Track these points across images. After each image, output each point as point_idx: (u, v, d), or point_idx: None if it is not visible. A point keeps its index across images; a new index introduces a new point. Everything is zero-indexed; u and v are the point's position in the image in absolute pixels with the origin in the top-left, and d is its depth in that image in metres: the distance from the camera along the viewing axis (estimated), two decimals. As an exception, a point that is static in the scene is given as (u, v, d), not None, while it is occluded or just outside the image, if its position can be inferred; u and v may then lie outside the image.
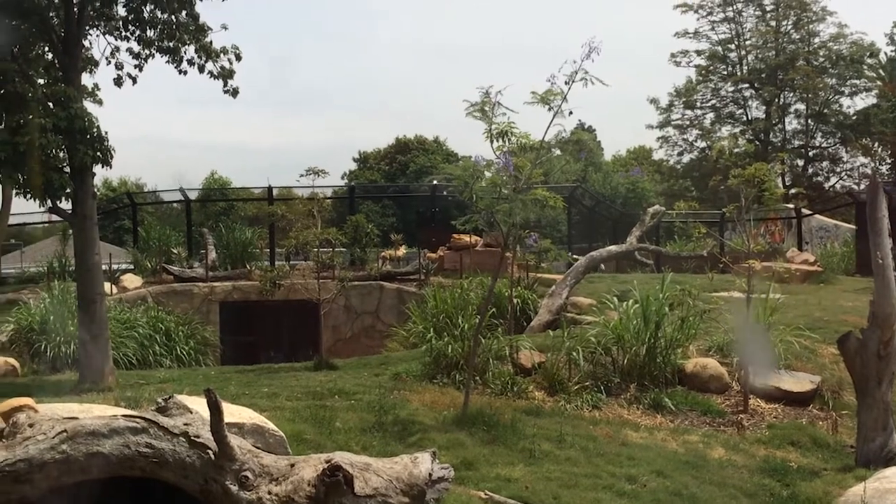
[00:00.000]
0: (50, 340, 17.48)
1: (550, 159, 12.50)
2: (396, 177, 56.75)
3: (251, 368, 16.88)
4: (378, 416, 11.08)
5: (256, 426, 8.83)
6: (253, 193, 37.36)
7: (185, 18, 15.39)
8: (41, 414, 8.21)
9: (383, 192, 50.41)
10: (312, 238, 17.40)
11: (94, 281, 15.10)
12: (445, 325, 15.23)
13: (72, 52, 14.96)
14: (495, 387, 13.44)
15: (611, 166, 52.40)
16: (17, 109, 14.26)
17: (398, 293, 23.52)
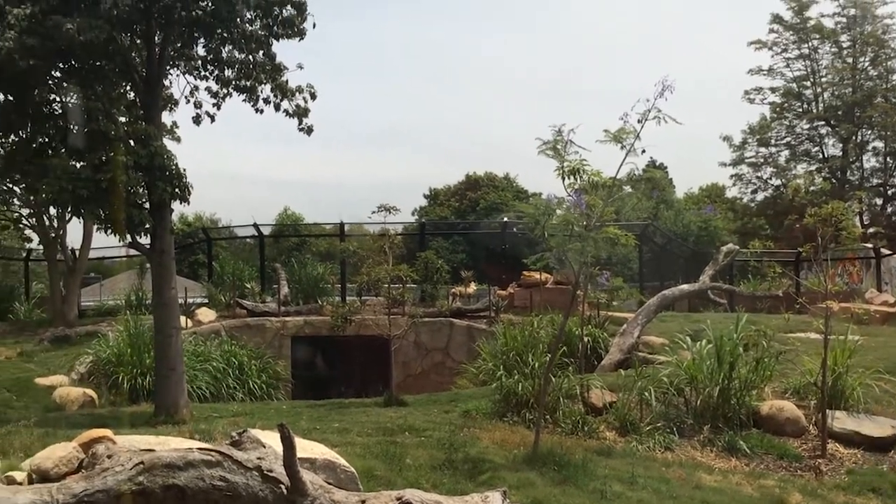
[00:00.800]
0: (126, 372, 17.83)
1: (622, 197, 12.40)
2: (466, 213, 56.88)
3: (322, 403, 16.98)
4: (448, 454, 11.05)
5: (328, 461, 8.88)
6: (325, 229, 37.81)
7: (261, 58, 15.72)
8: (119, 445, 8.36)
9: (453, 229, 50.59)
10: (384, 274, 17.52)
11: (170, 315, 15.41)
12: (515, 362, 15.17)
13: (153, 91, 15.38)
14: (566, 426, 13.34)
15: (683, 204, 51.86)
16: (100, 147, 14.69)
17: (468, 330, 23.50)
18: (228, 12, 14.46)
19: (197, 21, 14.36)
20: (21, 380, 18.15)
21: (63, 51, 14.08)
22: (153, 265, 15.83)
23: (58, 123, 16.71)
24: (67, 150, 15.53)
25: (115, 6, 14.14)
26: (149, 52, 15.37)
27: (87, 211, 15.58)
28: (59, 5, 13.99)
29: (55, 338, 22.01)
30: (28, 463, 8.76)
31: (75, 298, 26.70)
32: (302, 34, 15.48)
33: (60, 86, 16.72)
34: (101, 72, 15.28)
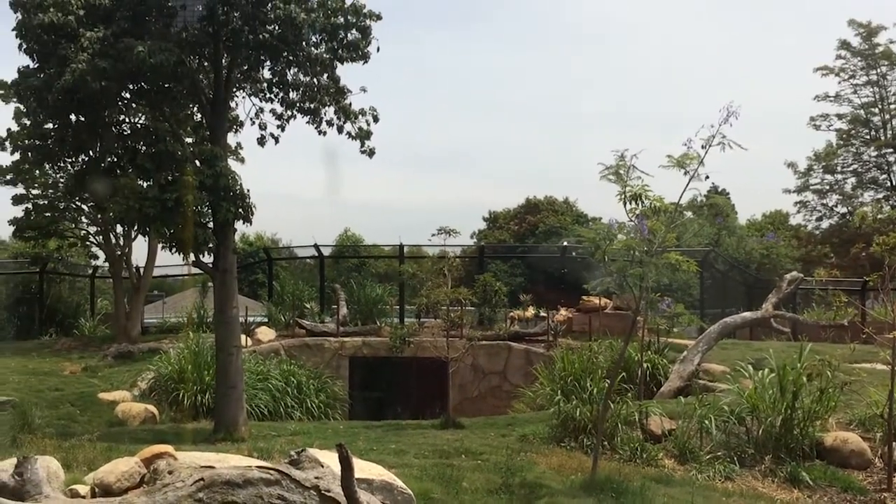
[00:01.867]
0: (187, 389, 18.04)
1: (684, 223, 12.30)
2: (525, 237, 56.81)
3: (379, 424, 17.01)
4: (505, 478, 10.99)
5: (385, 483, 8.90)
6: (384, 251, 37.98)
7: (326, 81, 15.94)
8: (180, 461, 8.48)
9: (512, 252, 50.53)
10: (443, 297, 17.55)
11: (231, 333, 15.61)
12: (573, 387, 15.08)
13: (219, 113, 15.66)
14: (624, 452, 13.21)
15: (745, 230, 51.16)
16: (167, 167, 14.99)
17: (526, 354, 23.40)
18: (294, 36, 14.70)
19: (263, 44, 14.62)
20: (85, 394, 18.47)
21: (133, 73, 14.42)
22: (216, 284, 16.06)
23: (126, 144, 17.13)
24: (135, 169, 15.86)
25: (184, 30, 14.49)
26: (216, 75, 15.67)
27: (154, 229, 15.88)
28: (130, 28, 14.36)
29: (118, 354, 22.36)
30: (91, 476, 8.92)
31: (139, 315, 27.11)
32: (366, 58, 15.66)
33: (130, 107, 17.16)
34: (169, 94, 15.62)
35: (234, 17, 14.40)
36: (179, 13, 14.83)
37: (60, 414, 16.94)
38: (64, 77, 14.03)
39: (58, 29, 14.54)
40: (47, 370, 20.77)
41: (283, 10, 14.28)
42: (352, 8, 15.40)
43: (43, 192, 26.82)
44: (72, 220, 27.68)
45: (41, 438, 13.40)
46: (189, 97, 16.26)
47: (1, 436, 13.70)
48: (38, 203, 26.55)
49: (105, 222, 26.11)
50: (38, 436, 13.72)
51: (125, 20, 14.52)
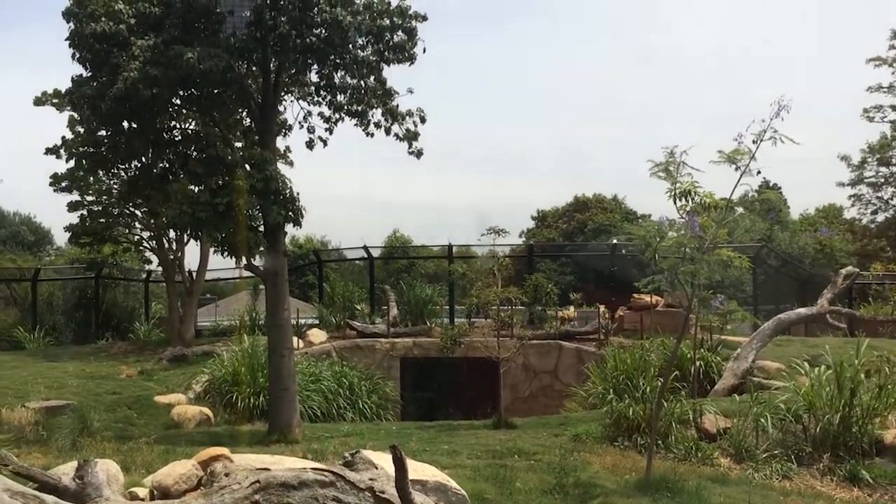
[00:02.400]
0: (241, 391, 18.21)
1: (736, 219, 12.15)
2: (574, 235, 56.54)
3: (431, 425, 17.04)
4: (558, 478, 10.95)
5: (439, 484, 8.91)
6: (433, 251, 38.05)
7: (373, 83, 16.00)
8: (236, 464, 8.57)
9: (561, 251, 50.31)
10: (493, 296, 17.54)
11: (284, 336, 15.74)
12: (626, 386, 15.01)
13: (268, 117, 15.80)
14: (678, 451, 13.10)
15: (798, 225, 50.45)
16: (218, 172, 15.15)
17: (577, 353, 23.32)
18: (341, 39, 14.79)
19: (311, 48, 14.72)
20: (141, 397, 18.71)
21: (183, 79, 14.59)
22: (267, 287, 16.19)
23: (178, 149, 17.34)
24: (187, 175, 16.06)
25: (232, 35, 14.63)
26: (264, 80, 15.81)
27: (206, 233, 16.08)
28: (180, 36, 14.54)
29: (173, 357, 22.63)
30: (150, 479, 9.04)
31: (192, 319, 27.42)
32: (412, 59, 15.70)
33: (180, 113, 17.37)
34: (218, 99, 15.79)
35: (282, 22, 14.50)
36: (227, 19, 14.98)
37: (118, 417, 17.19)
38: (116, 85, 14.25)
39: (109, 38, 14.78)
40: (104, 374, 21.08)
41: (330, 13, 14.37)
42: (397, 10, 15.46)
43: (97, 199, 27.22)
44: (126, 225, 28.08)
45: (100, 441, 13.62)
46: (238, 102, 16.43)
47: (61, 439, 13.94)
48: (93, 209, 26.96)
49: (158, 227, 26.46)
50: (98, 439, 13.95)
51: (174, 27, 14.71)
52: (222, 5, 14.90)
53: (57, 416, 16.36)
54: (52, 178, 26.60)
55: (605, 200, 60.73)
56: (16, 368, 21.33)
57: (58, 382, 19.55)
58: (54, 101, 26.03)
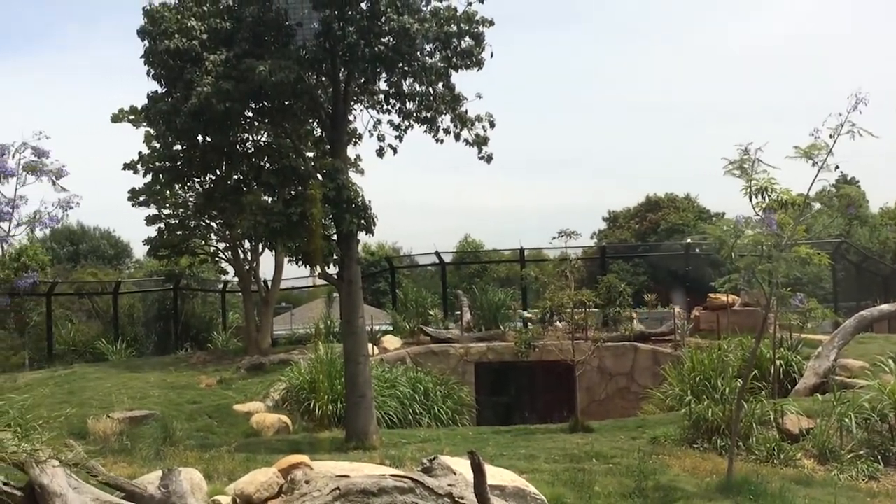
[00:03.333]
0: (319, 399, 18.37)
1: (813, 215, 11.94)
2: (647, 235, 56.02)
3: (507, 429, 17.01)
4: (638, 481, 10.87)
5: (518, 489, 8.91)
6: (504, 255, 38.00)
7: (441, 89, 16.04)
8: (316, 471, 8.66)
9: (634, 252, 49.90)
10: (566, 299, 17.46)
11: (359, 343, 15.86)
12: (704, 387, 14.84)
13: (338, 126, 15.94)
14: (759, 453, 12.91)
15: (878, 220, 49.25)
16: (291, 182, 15.34)
17: (653, 354, 23.07)
18: (409, 46, 14.86)
19: (379, 57, 14.82)
20: (221, 406, 18.99)
21: (255, 92, 14.81)
22: (342, 295, 16.33)
23: (251, 161, 17.60)
24: (260, 185, 16.28)
25: (302, 47, 14.81)
26: (334, 89, 15.96)
27: (280, 243, 16.27)
28: (250, 49, 14.77)
29: (251, 366, 22.92)
30: (232, 487, 9.18)
31: (268, 328, 27.75)
32: (480, 64, 15.71)
33: (252, 125, 17.62)
34: (289, 110, 15.98)
35: (350, 32, 14.64)
36: (297, 31, 15.18)
37: (199, 426, 17.48)
38: (190, 100, 14.52)
39: (183, 54, 15.07)
40: (185, 384, 21.43)
41: (397, 21, 14.46)
42: (464, 16, 15.48)
43: (174, 212, 27.68)
44: (202, 237, 28.51)
45: (182, 450, 13.86)
46: (309, 112, 16.60)
47: (145, 448, 14.21)
48: (170, 222, 27.43)
49: (233, 238, 26.83)
50: (180, 448, 14.20)
51: (245, 41, 14.94)
52: (291, 18, 15.09)
53: (140, 426, 16.70)
54: (129, 193, 27.15)
55: (677, 199, 60.04)
56: (100, 380, 21.80)
57: (140, 393, 19.93)
58: (131, 117, 26.57)
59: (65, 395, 19.49)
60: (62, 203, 12.70)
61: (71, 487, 6.80)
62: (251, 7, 15.04)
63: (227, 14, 15.44)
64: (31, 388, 19.77)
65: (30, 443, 5.69)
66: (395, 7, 14.66)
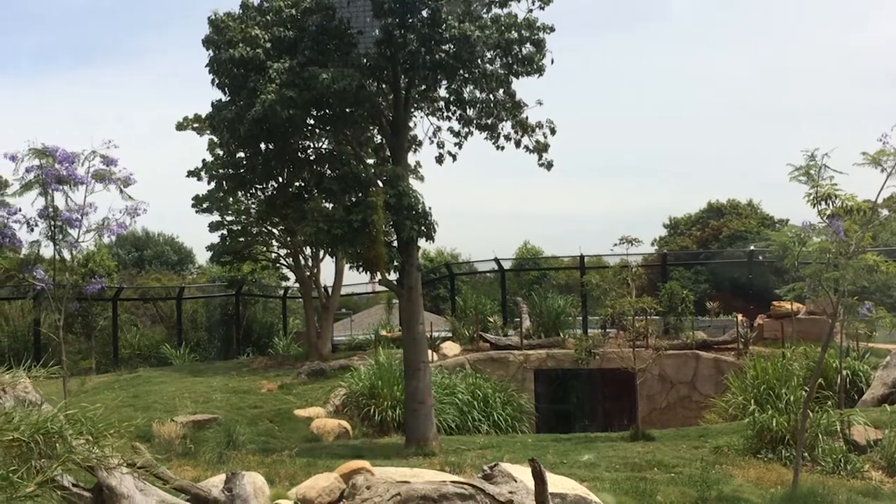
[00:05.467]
0: (378, 405, 18.47)
1: (882, 222, 11.69)
2: (709, 242, 55.32)
3: (567, 437, 16.94)
4: (701, 491, 10.74)
5: (579, 497, 8.86)
6: (563, 262, 37.81)
7: (502, 96, 16.08)
8: (376, 477, 8.70)
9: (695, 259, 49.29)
10: (627, 306, 17.34)
11: (419, 349, 15.92)
12: (768, 396, 14.64)
13: (399, 133, 16.04)
14: (826, 464, 12.68)
15: (950, 225, 48.13)
16: (352, 189, 15.46)
17: (715, 363, 22.77)
18: (469, 53, 14.92)
19: (440, 64, 14.89)
20: (282, 411, 19.17)
21: (317, 100, 14.96)
22: (402, 301, 16.42)
23: (313, 168, 17.77)
24: (322, 192, 16.43)
25: (364, 55, 14.93)
26: (395, 97, 16.06)
27: (341, 249, 16.40)
28: (313, 57, 14.92)
29: (311, 371, 23.08)
30: (294, 492, 9.26)
31: (329, 333, 27.94)
32: (541, 71, 15.71)
33: (314, 133, 17.79)
34: (351, 118, 16.11)
35: (411, 40, 14.72)
36: (358, 39, 15.30)
37: (260, 430, 17.66)
38: (254, 108, 14.71)
39: (247, 62, 15.28)
40: (246, 388, 21.66)
41: (458, 29, 14.51)
42: (525, 22, 15.49)
43: (237, 219, 28.03)
44: (264, 243, 28.84)
45: (245, 454, 14.03)
46: (370, 120, 16.73)
47: (208, 452, 14.39)
48: (233, 229, 27.78)
49: (294, 245, 27.08)
50: (242, 452, 14.38)
51: (308, 50, 15.10)
52: (353, 26, 15.22)
53: (203, 430, 16.90)
54: (193, 200, 27.55)
55: (739, 206, 59.20)
56: (164, 384, 22.14)
57: (203, 397, 20.20)
58: (195, 125, 26.99)
59: (130, 399, 19.81)
60: (129, 210, 13.00)
61: (137, 489, 6.91)
62: (314, 16, 15.21)
63: (290, 23, 15.62)
64: (98, 392, 20.17)
65: (100, 448, 5.79)
66: (456, 14, 14.73)
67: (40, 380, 6.99)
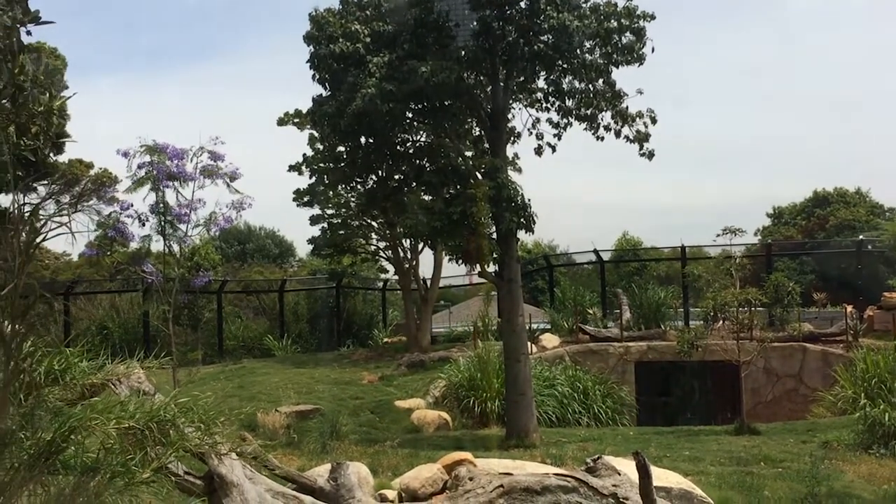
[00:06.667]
0: (478, 396, 18.49)
1: None
2: (814, 232, 53.92)
3: (669, 430, 16.73)
4: (810, 487, 10.48)
5: (684, 491, 8.74)
6: (664, 253, 37.29)
7: (601, 86, 15.91)
8: (479, 468, 8.72)
9: (801, 249, 48.09)
10: (731, 298, 17.02)
11: (519, 341, 15.89)
12: (879, 390, 14.24)
13: (497, 125, 16.01)
14: (944, 460, 12.26)
15: None
16: (451, 182, 15.50)
17: (823, 355, 22.18)
18: (568, 44, 14.79)
19: (538, 55, 14.81)
20: (382, 402, 19.35)
21: (417, 93, 15.03)
22: (501, 293, 16.41)
23: (412, 161, 17.87)
24: (421, 185, 16.52)
25: (463, 47, 14.95)
26: (493, 89, 16.04)
27: (441, 242, 16.46)
28: (412, 50, 15.00)
29: (411, 363, 23.24)
30: (398, 482, 9.35)
31: (428, 325, 28.08)
32: (641, 60, 15.50)
33: (412, 126, 17.89)
34: (449, 110, 16.15)
35: (509, 31, 14.68)
36: (457, 32, 15.32)
37: (362, 421, 17.85)
38: (355, 102, 14.89)
39: (347, 57, 15.47)
40: (347, 379, 21.93)
41: (557, 19, 14.41)
42: (624, 11, 15.31)
43: (336, 212, 28.36)
44: (363, 236, 29.12)
45: (348, 445, 14.22)
46: (468, 112, 16.75)
47: (312, 442, 14.62)
48: (333, 222, 28.13)
49: (394, 237, 27.29)
50: (345, 442, 14.57)
51: (407, 43, 15.19)
52: (451, 19, 15.24)
53: (306, 420, 17.17)
54: (294, 194, 28.00)
55: (847, 194, 57.51)
56: (267, 375, 22.56)
57: (306, 388, 20.51)
58: (295, 120, 27.40)
59: (235, 389, 20.25)
60: (235, 204, 13.29)
61: (246, 477, 7.06)
62: (413, 10, 15.29)
63: (389, 17, 15.74)
64: (205, 382, 20.65)
65: (211, 436, 5.96)
66: (555, 5, 14.62)
67: (152, 370, 7.21)
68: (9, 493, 4.31)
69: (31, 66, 4.67)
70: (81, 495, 4.56)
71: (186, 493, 6.32)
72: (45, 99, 4.82)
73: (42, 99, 4.78)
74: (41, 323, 4.47)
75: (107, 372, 6.39)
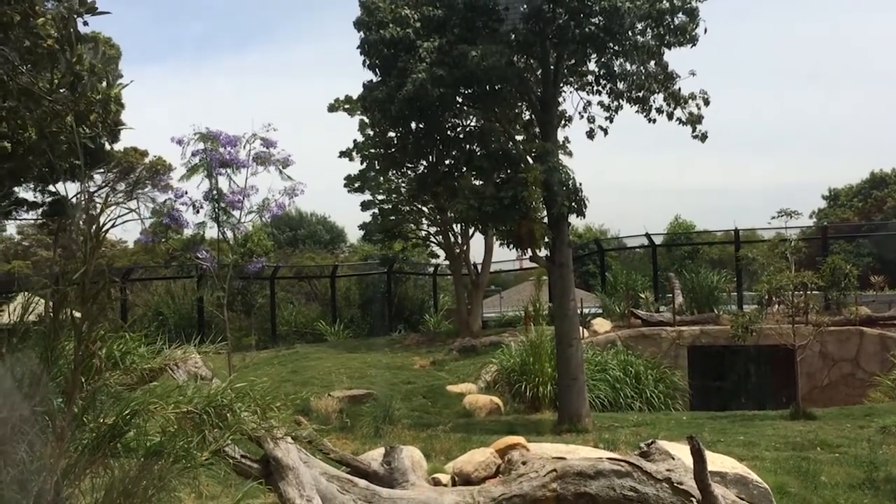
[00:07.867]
0: (529, 381, 18.47)
1: None
2: (871, 214, 53.06)
3: (723, 415, 16.58)
4: (868, 472, 10.34)
5: (739, 476, 8.67)
6: (716, 237, 36.92)
7: (653, 68, 15.75)
8: (532, 453, 8.72)
9: (857, 231, 47.37)
10: (786, 281, 16.81)
11: (571, 326, 15.84)
12: (939, 375, 13.95)
13: (548, 109, 15.93)
14: None
15: None
16: (502, 166, 15.47)
17: (881, 339, 21.82)
18: (619, 25, 14.65)
19: (589, 37, 14.69)
20: (434, 387, 19.42)
21: (467, 77, 15.01)
22: (552, 278, 16.36)
23: (462, 146, 17.86)
24: (472, 170, 16.50)
25: (513, 30, 14.89)
26: (543, 72, 15.95)
27: (492, 226, 16.45)
28: (462, 35, 14.97)
29: (462, 348, 23.29)
30: (451, 466, 9.40)
31: (479, 310, 28.12)
32: (694, 41, 15.31)
33: (462, 111, 17.86)
34: (499, 95, 16.11)
35: (560, 13, 14.57)
36: (506, 15, 15.24)
37: (414, 405, 17.92)
38: (405, 87, 14.89)
39: (397, 43, 15.46)
40: (399, 364, 22.04)
41: (608, 0, 14.27)
42: (677, -9, 15.13)
43: (387, 198, 28.50)
44: (414, 222, 29.23)
45: (400, 429, 14.29)
46: (518, 96, 16.69)
47: (365, 426, 14.73)
48: (384, 207, 28.27)
49: (444, 222, 27.33)
50: (398, 426, 14.65)
51: (457, 27, 15.15)
52: (501, 2, 15.18)
53: (359, 405, 17.28)
54: (345, 180, 28.18)
55: (905, 174, 56.54)
56: (320, 359, 22.74)
57: (358, 372, 20.64)
58: (346, 106, 27.54)
59: (288, 374, 20.45)
60: (288, 191, 13.41)
61: (301, 461, 7.14)
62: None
63: (438, 1, 15.70)
64: (259, 367, 20.90)
65: (267, 421, 6.05)
66: (606, -15, 14.49)
67: (208, 355, 7.32)
68: (74, 475, 4.41)
69: (89, 56, 4.75)
70: (146, 478, 4.65)
71: (243, 475, 6.41)
72: (102, 87, 4.90)
73: (99, 87, 4.86)
74: (106, 308, 4.58)
75: (164, 357, 6.50)
